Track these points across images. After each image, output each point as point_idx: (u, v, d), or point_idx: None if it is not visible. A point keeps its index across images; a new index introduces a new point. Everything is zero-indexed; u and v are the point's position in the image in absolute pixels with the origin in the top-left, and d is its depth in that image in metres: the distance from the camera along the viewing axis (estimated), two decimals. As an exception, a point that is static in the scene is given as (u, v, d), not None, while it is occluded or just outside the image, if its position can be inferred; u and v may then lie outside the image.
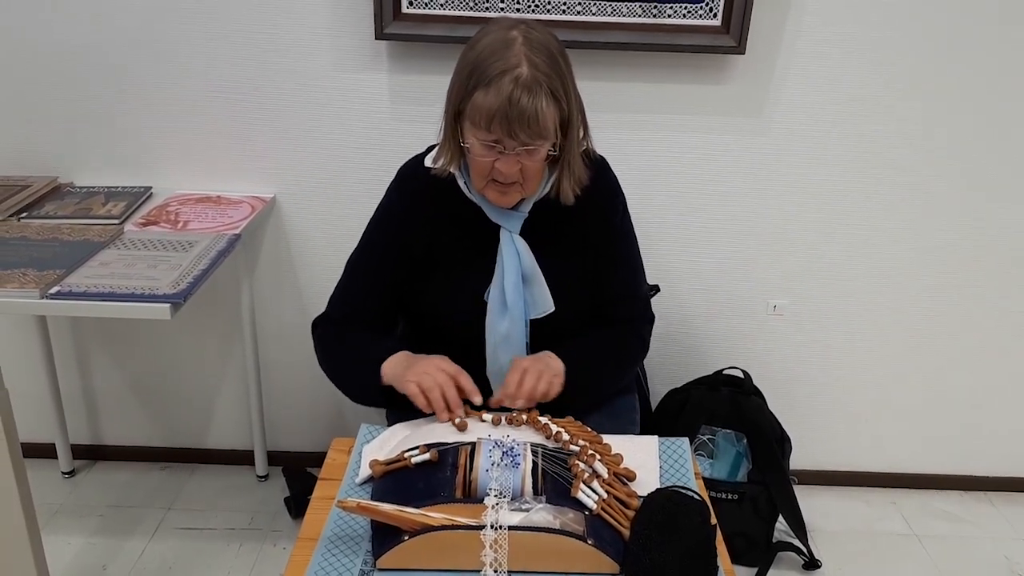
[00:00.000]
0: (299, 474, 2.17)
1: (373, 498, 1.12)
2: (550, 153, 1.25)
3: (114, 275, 1.53)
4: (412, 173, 1.40)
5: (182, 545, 1.98)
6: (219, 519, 2.07)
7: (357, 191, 1.94)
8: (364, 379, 1.33)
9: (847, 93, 1.85)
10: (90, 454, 2.27)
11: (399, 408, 1.29)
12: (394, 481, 1.12)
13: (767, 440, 1.88)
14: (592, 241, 1.41)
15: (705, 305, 2.08)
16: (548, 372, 1.30)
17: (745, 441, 1.92)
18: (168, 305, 1.46)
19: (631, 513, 1.08)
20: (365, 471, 1.18)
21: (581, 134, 1.29)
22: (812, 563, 1.95)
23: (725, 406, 1.93)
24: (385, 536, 1.02)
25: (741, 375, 1.98)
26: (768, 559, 1.93)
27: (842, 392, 2.16)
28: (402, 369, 1.28)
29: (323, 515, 1.13)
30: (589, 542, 1.01)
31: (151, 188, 1.94)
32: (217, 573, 1.90)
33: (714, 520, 1.10)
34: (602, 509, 1.06)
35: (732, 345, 2.11)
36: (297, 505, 2.08)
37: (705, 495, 1.17)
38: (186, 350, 2.15)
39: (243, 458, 2.23)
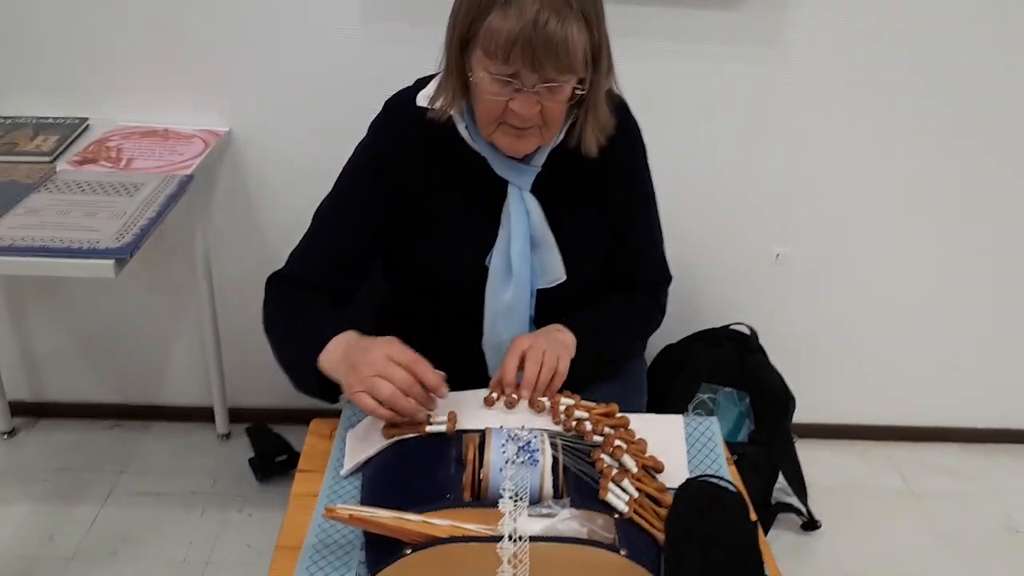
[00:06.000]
0: (264, 433, 2.04)
1: (364, 497, 0.97)
2: (576, 91, 1.06)
3: (46, 225, 1.37)
4: (402, 109, 1.19)
5: (137, 512, 1.87)
6: (178, 482, 1.96)
7: (325, 123, 1.76)
8: (300, 363, 1.08)
9: (874, 22, 1.70)
10: (31, 411, 2.14)
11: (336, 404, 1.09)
12: (389, 479, 0.97)
13: (773, 400, 1.79)
14: (613, 198, 1.24)
15: (703, 253, 1.95)
16: (553, 351, 1.11)
17: (748, 400, 1.82)
18: (111, 261, 1.30)
19: (663, 512, 0.95)
20: (351, 463, 1.03)
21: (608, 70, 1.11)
22: (811, 523, 1.89)
23: (728, 363, 1.82)
24: (383, 548, 0.87)
25: (746, 331, 1.86)
26: (767, 521, 1.86)
27: (841, 344, 2.09)
28: (345, 367, 1.02)
29: (304, 517, 0.97)
30: (622, 552, 0.87)
31: (88, 119, 1.78)
32: (177, 542, 1.80)
33: (754, 515, 0.98)
34: (634, 511, 0.92)
35: (732, 296, 2.00)
36: (263, 467, 1.97)
37: (740, 484, 1.04)
38: (135, 300, 2.00)
39: (202, 415, 2.11)
